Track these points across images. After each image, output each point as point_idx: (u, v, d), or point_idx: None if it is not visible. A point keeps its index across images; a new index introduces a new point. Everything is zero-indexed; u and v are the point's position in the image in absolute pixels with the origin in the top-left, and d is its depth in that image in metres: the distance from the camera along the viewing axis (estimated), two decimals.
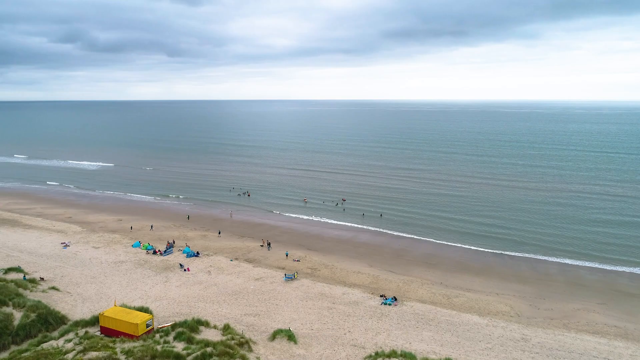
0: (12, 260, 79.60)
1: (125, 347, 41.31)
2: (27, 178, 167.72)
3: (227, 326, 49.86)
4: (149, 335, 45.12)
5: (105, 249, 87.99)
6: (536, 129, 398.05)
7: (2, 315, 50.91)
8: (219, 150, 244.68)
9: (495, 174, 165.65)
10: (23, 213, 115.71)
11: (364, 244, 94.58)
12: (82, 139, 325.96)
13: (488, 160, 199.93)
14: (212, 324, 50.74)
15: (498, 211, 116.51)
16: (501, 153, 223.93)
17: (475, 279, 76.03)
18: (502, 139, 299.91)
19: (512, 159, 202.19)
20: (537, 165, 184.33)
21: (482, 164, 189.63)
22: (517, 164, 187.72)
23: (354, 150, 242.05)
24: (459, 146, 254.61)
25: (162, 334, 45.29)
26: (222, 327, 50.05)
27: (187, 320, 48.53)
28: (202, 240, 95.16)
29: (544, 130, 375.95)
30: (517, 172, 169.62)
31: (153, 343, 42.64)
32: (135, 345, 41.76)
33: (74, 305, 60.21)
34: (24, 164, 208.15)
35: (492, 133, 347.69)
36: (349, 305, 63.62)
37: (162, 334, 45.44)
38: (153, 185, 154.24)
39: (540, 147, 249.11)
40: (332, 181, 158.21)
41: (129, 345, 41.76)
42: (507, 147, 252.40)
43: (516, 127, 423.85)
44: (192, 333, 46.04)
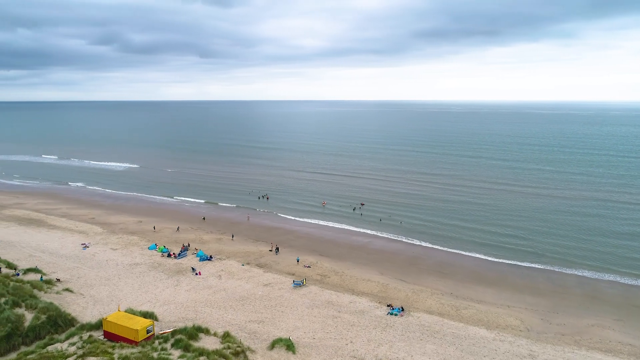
0: (33, 260, 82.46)
1: (123, 353, 42.21)
2: (56, 178, 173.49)
3: (227, 334, 50.30)
4: (149, 342, 46.00)
5: (122, 250, 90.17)
6: (568, 131, 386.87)
7: (14, 316, 52.74)
8: (241, 153, 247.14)
9: (520, 180, 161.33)
10: (49, 213, 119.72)
11: (377, 251, 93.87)
12: (111, 139, 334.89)
13: (514, 165, 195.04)
14: (213, 331, 51.27)
15: (519, 220, 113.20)
16: (529, 158, 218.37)
17: (487, 290, 74.42)
18: (531, 142, 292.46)
19: (539, 164, 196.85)
20: (565, 172, 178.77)
21: (508, 169, 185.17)
22: (544, 170, 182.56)
23: (376, 153, 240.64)
24: (485, 150, 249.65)
25: (161, 341, 46.12)
26: (222, 334, 50.47)
27: (186, 327, 49.20)
28: (216, 243, 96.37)
29: (577, 133, 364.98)
30: (543, 179, 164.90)
31: (151, 350, 43.46)
32: (132, 351, 42.63)
33: (85, 308, 61.90)
34: (55, 164, 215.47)
35: (521, 136, 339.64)
36: (355, 314, 63.25)
37: (161, 340, 46.26)
38: (174, 187, 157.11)
39: (570, 152, 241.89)
40: (352, 185, 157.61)
41: (127, 351, 42.66)
42: (535, 151, 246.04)
43: (548, 129, 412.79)
44: (190, 340, 46.66)
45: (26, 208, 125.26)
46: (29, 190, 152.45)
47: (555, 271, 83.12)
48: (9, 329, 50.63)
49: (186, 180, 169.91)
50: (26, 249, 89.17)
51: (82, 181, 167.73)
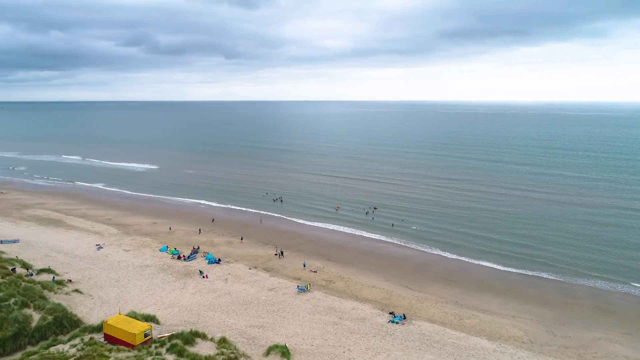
0: (48, 260, 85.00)
1: (119, 357, 43.37)
2: (78, 179, 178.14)
3: (224, 339, 51.01)
4: (146, 346, 47.05)
5: (134, 252, 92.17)
6: (596, 134, 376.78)
7: (21, 316, 54.62)
8: (260, 155, 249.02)
9: (539, 187, 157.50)
10: (68, 214, 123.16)
11: (386, 256, 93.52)
12: (134, 140, 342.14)
13: (535, 170, 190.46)
14: (210, 337, 52.05)
15: (534, 228, 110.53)
16: (551, 162, 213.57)
17: (493, 299, 73.37)
18: (555, 145, 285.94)
19: (561, 169, 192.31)
20: (587, 177, 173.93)
21: (528, 174, 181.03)
22: (565, 175, 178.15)
23: (395, 156, 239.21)
24: (506, 154, 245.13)
25: (158, 345, 47.09)
26: (218, 339, 51.20)
27: (183, 332, 50.09)
28: (226, 246, 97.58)
29: (604, 136, 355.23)
30: (563, 185, 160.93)
31: (146, 354, 44.48)
32: (128, 355, 43.75)
33: (92, 309, 63.61)
34: (78, 164, 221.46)
35: (546, 139, 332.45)
36: (356, 321, 63.26)
37: (158, 345, 47.24)
38: (191, 189, 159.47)
39: (595, 156, 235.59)
40: (367, 189, 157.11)
41: (123, 355, 43.79)
42: (559, 155, 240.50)
43: (574, 132, 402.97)
44: (186, 345, 47.53)
45: (47, 208, 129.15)
46: (52, 190, 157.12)
47: (566, 282, 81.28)
48: (16, 329, 52.49)
49: (204, 182, 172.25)
50: (43, 249, 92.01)
51: (103, 182, 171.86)
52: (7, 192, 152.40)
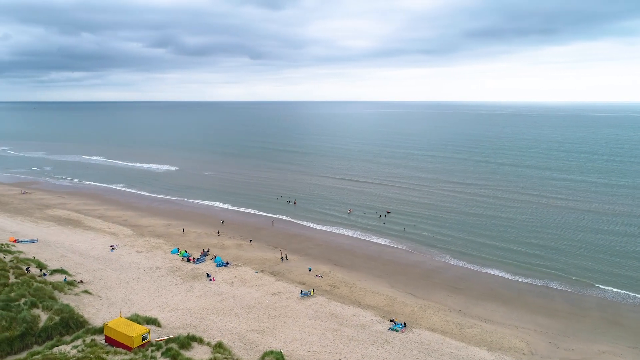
0: (64, 260, 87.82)
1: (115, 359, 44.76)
2: (100, 179, 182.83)
3: (220, 344, 51.98)
4: (142, 349, 48.37)
5: (146, 253, 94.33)
6: (624, 137, 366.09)
7: (30, 316, 56.79)
8: (278, 157, 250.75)
9: (559, 193, 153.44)
10: (87, 214, 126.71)
11: (393, 262, 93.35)
12: (157, 141, 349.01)
13: (556, 175, 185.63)
14: (206, 341, 53.11)
15: (549, 238, 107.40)
16: (574, 167, 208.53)
17: (498, 308, 72.54)
18: (580, 149, 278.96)
19: (584, 174, 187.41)
20: (611, 184, 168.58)
21: (548, 180, 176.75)
22: (588, 181, 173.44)
23: (412, 160, 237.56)
24: (528, 157, 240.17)
25: (154, 349, 48.38)
26: (214, 344, 52.21)
27: (179, 336, 51.29)
28: (236, 249, 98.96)
29: (633, 139, 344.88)
30: (585, 191, 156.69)
31: (142, 357, 45.80)
32: (125, 358, 45.13)
33: (99, 310, 65.55)
34: (101, 164, 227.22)
35: (570, 141, 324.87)
36: (355, 328, 63.50)
37: (154, 348, 48.52)
38: (208, 190, 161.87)
39: (622, 160, 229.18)
40: (381, 193, 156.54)
41: (120, 357, 45.22)
42: (582, 159, 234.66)
43: (601, 134, 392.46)
44: (182, 349, 48.67)
45: (68, 208, 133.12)
46: (74, 191, 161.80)
47: (575, 292, 79.61)
48: (23, 328, 54.63)
49: (220, 184, 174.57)
50: (60, 249, 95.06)
51: (123, 183, 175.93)
52: (32, 192, 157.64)
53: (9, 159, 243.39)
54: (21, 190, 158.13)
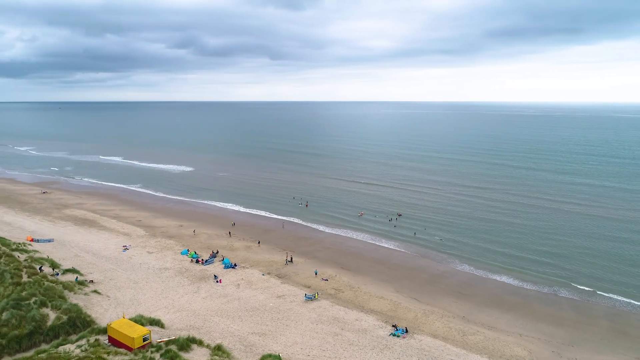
0: (77, 260, 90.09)
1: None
2: (118, 180, 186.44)
3: (219, 347, 52.90)
4: (142, 350, 49.57)
5: (157, 254, 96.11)
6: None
7: (39, 315, 58.65)
8: (292, 159, 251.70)
9: (575, 198, 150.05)
10: (103, 214, 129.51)
11: (401, 266, 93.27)
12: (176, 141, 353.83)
13: (575, 180, 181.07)
14: (206, 343, 54.12)
15: (562, 245, 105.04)
16: (593, 171, 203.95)
17: (503, 315, 71.97)
18: (601, 152, 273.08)
19: (603, 179, 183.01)
20: (631, 189, 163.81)
21: (566, 184, 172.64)
22: (607, 186, 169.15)
23: (428, 162, 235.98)
24: (547, 160, 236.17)
25: (154, 350, 49.52)
26: (214, 346, 53.14)
27: (179, 338, 52.34)
28: (245, 251, 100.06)
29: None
30: (603, 196, 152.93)
31: (141, 358, 46.95)
32: (124, 358, 46.34)
33: (107, 310, 67.20)
34: (120, 164, 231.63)
35: (592, 144, 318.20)
36: (357, 333, 63.79)
37: (154, 349, 49.66)
38: (222, 192, 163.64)
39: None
40: (394, 197, 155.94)
41: (120, 358, 46.45)
42: (602, 162, 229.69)
43: (624, 136, 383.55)
44: (181, 351, 49.71)
45: (84, 208, 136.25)
46: (92, 191, 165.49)
47: (584, 300, 78.49)
48: (32, 327, 56.45)
49: (234, 185, 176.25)
50: (74, 249, 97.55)
51: (139, 183, 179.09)
52: (52, 191, 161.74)
53: (31, 159, 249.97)
54: (41, 190, 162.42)
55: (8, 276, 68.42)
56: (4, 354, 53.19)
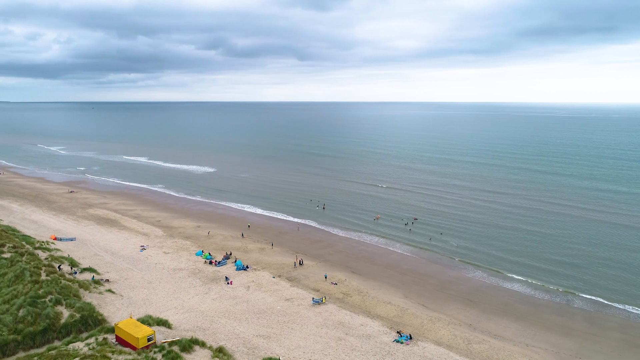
0: (96, 259, 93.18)
1: (118, 359, 47.78)
2: (141, 180, 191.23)
3: (220, 349, 54.14)
4: (145, 350, 51.25)
5: (173, 255, 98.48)
6: None
7: (53, 313, 61.21)
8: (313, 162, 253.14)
9: (601, 206, 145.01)
10: (124, 214, 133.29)
11: (412, 272, 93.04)
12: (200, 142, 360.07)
13: (602, 186, 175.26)
14: (208, 345, 55.46)
15: (582, 255, 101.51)
16: (623, 177, 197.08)
17: (511, 324, 71.09)
18: (633, 157, 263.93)
19: (631, 186, 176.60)
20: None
21: (592, 190, 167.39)
22: (635, 193, 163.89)
23: (449, 166, 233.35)
24: (574, 165, 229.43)
25: (157, 350, 51.13)
26: (216, 348, 54.43)
27: (182, 339, 53.80)
28: (258, 253, 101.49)
29: None
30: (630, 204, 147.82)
31: (144, 358, 48.60)
32: (128, 358, 48.08)
33: (119, 309, 69.45)
34: (145, 165, 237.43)
35: (624, 148, 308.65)
36: (360, 338, 64.15)
37: (157, 350, 51.28)
38: (241, 193, 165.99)
39: None
40: (412, 201, 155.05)
41: (123, 357, 48.21)
42: (634, 168, 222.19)
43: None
44: (183, 352, 51.18)
45: (107, 208, 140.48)
46: (116, 191, 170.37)
47: (597, 311, 76.79)
48: (46, 324, 58.98)
49: (254, 187, 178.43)
50: (94, 248, 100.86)
51: (162, 184, 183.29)
52: (78, 191, 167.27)
53: (62, 159, 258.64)
54: (68, 189, 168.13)
55: (28, 274, 71.46)
56: (19, 349, 55.80)
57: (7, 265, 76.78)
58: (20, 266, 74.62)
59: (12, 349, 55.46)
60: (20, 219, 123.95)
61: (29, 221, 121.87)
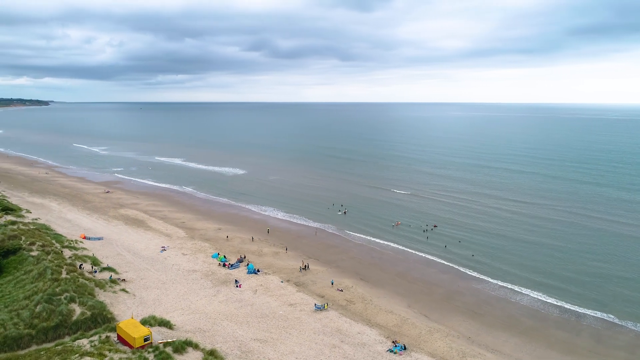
0: (118, 259, 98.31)
1: (114, 357, 51.20)
2: (174, 181, 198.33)
3: (212, 352, 56.69)
4: (140, 350, 54.47)
5: (190, 256, 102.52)
6: None
7: (66, 310, 65.77)
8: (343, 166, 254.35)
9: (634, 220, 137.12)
10: (152, 215, 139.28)
11: (421, 280, 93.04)
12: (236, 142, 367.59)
13: None
14: (202, 347, 58.15)
15: (602, 274, 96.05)
16: None
17: (512, 339, 70.25)
18: None
19: None
20: None
21: (629, 204, 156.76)
22: None
23: (480, 173, 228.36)
24: (618, 175, 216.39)
25: (151, 350, 54.26)
26: (208, 351, 57.05)
27: (175, 341, 56.73)
28: (272, 257, 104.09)
29: None
30: None
31: (137, 357, 51.80)
32: (122, 356, 51.41)
33: (129, 308, 73.50)
34: (179, 166, 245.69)
35: None
36: (355, 346, 65.29)
37: (152, 350, 54.41)
38: (266, 196, 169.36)
39: None
40: (435, 208, 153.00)
41: (117, 356, 51.58)
42: None
43: None
44: (175, 353, 54.08)
45: (138, 208, 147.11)
46: (148, 191, 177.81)
47: (607, 329, 74.41)
48: (58, 321, 63.50)
49: (280, 190, 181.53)
50: (118, 248, 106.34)
51: (193, 185, 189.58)
52: (114, 191, 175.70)
53: (104, 159, 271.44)
54: (105, 189, 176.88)
55: (49, 272, 76.74)
56: (33, 343, 60.41)
57: (33, 263, 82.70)
58: (44, 264, 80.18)
59: (26, 342, 60.14)
60: (56, 217, 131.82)
61: (63, 220, 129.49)
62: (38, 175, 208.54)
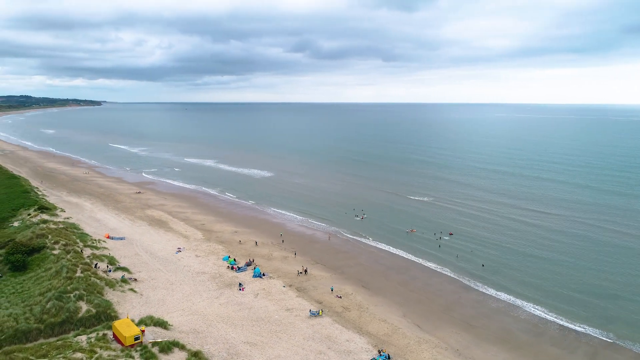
0: (134, 259, 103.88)
1: (103, 354, 55.36)
2: (202, 183, 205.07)
3: (197, 353, 59.89)
4: (131, 348, 58.39)
5: (202, 258, 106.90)
6: None
7: (74, 307, 70.98)
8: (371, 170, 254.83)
9: None
10: (175, 216, 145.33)
11: (423, 289, 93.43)
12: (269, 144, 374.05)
13: None
14: (188, 348, 61.53)
15: (617, 291, 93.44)
16: None
17: (501, 354, 69.94)
18: None
19: None
20: None
21: None
22: None
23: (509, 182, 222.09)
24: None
25: (139, 349, 58.07)
26: (193, 352, 60.36)
27: (162, 341, 60.34)
28: (280, 261, 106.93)
29: None
30: None
31: (124, 355, 55.72)
32: (110, 354, 55.47)
33: (134, 307, 78.15)
34: (210, 167, 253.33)
35: None
36: (340, 354, 67.02)
37: (140, 348, 58.22)
38: (288, 199, 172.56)
39: None
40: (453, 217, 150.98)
41: (106, 353, 55.68)
42: None
43: None
44: (161, 353, 57.68)
45: (163, 209, 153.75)
46: (177, 192, 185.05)
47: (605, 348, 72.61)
48: (65, 317, 68.70)
49: (302, 193, 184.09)
50: (137, 248, 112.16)
51: (220, 187, 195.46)
52: (144, 192, 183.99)
53: (141, 160, 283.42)
54: (137, 190, 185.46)
55: (64, 271, 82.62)
56: (40, 337, 65.75)
57: (53, 261, 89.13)
58: (62, 263, 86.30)
59: (35, 336, 65.57)
60: (87, 217, 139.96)
61: (93, 219, 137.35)
62: (78, 175, 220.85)
